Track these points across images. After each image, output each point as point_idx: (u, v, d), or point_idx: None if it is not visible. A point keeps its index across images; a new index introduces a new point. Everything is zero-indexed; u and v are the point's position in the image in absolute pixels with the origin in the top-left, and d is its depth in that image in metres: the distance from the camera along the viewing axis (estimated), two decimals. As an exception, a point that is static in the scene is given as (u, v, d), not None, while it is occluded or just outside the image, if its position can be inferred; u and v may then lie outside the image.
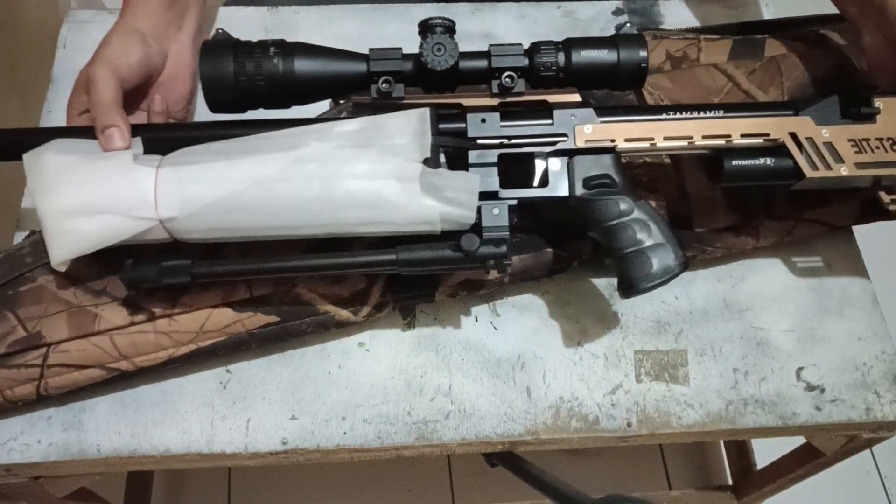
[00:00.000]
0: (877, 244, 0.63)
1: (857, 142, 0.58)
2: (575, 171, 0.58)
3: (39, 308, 0.58)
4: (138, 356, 0.59)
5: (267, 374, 0.63)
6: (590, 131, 0.58)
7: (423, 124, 0.55)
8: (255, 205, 0.54)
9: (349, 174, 0.54)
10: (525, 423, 0.63)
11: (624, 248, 0.57)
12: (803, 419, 0.64)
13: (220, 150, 0.55)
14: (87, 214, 0.54)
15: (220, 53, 0.55)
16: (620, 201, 0.57)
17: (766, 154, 0.58)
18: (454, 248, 0.54)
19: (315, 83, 0.55)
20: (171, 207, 0.54)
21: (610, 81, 0.57)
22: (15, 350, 0.57)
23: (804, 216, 0.67)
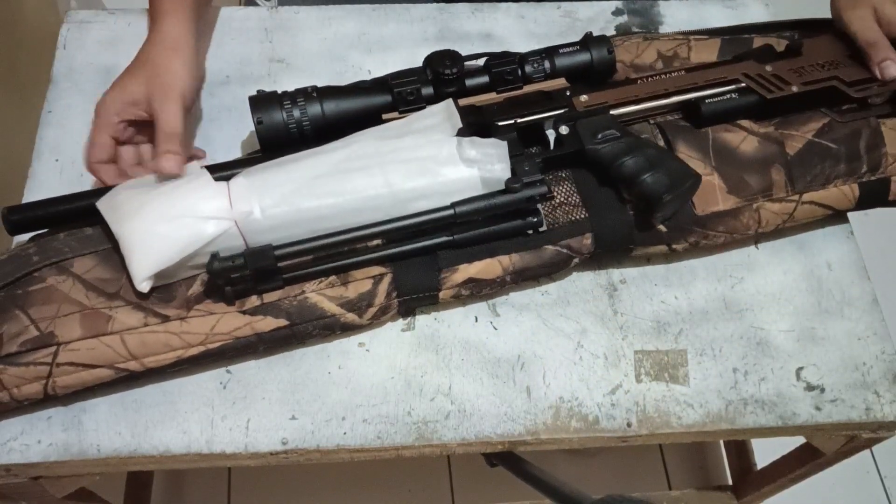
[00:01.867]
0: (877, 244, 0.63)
1: (796, 69, 0.70)
2: (583, 131, 0.66)
3: (51, 308, 0.58)
4: (147, 356, 0.58)
5: (267, 374, 0.63)
6: (585, 98, 0.68)
7: (450, 109, 0.64)
8: (321, 192, 0.59)
9: (395, 154, 0.60)
10: (525, 423, 0.63)
11: (640, 175, 0.63)
12: (803, 419, 0.64)
13: (282, 160, 0.61)
14: (164, 221, 0.57)
15: (270, 107, 0.63)
16: (625, 140, 0.65)
17: (731, 91, 0.69)
18: (501, 193, 0.61)
19: (350, 117, 0.65)
20: (245, 204, 0.57)
21: (588, 75, 0.69)
22: (26, 349, 0.57)
23: (804, 199, 0.68)
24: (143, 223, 0.57)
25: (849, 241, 0.72)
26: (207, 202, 0.57)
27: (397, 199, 0.60)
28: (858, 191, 0.68)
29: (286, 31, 0.80)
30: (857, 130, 0.69)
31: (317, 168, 0.59)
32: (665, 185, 0.62)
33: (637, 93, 0.69)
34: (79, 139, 0.72)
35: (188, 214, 0.57)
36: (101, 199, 0.60)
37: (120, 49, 0.78)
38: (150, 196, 0.58)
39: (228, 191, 0.58)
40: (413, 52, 0.79)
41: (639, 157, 0.64)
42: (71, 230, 0.62)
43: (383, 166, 0.60)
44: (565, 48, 0.68)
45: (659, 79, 0.69)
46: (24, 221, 0.61)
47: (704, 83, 0.69)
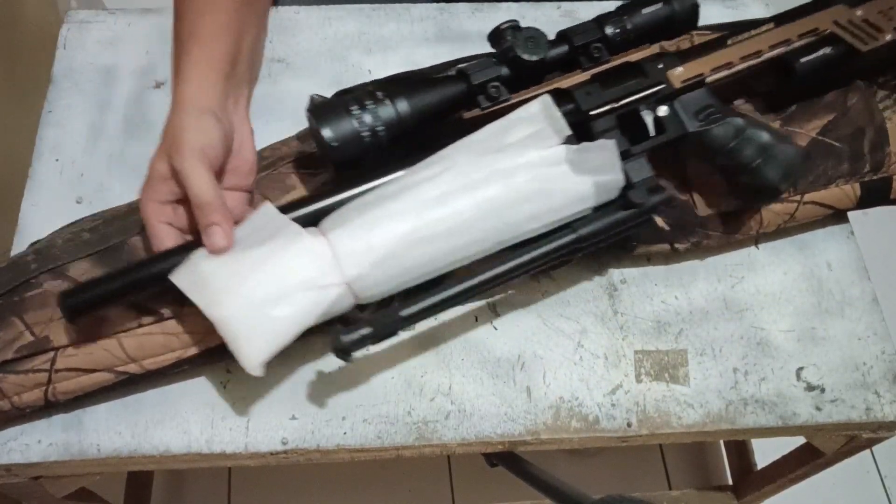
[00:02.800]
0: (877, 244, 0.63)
1: (884, 11, 0.66)
2: (682, 111, 0.62)
3: (46, 313, 0.58)
4: (146, 358, 0.58)
5: (267, 374, 0.63)
6: (681, 71, 0.62)
7: (549, 108, 0.57)
8: (428, 235, 0.54)
9: (501, 175, 0.55)
10: (525, 423, 0.63)
11: (753, 161, 0.61)
12: (803, 419, 0.64)
13: (374, 198, 0.55)
14: (274, 302, 0.52)
15: (336, 114, 0.55)
16: (731, 122, 0.62)
17: (822, 45, 0.65)
18: (624, 207, 0.58)
19: (425, 114, 0.57)
20: (355, 264, 0.53)
21: (670, 30, 0.63)
22: (22, 355, 0.57)
23: (805, 199, 0.68)
24: (248, 306, 0.51)
25: (849, 241, 0.72)
26: (314, 267, 0.52)
27: (508, 224, 0.56)
28: (860, 190, 0.68)
29: (286, 31, 0.80)
30: (862, 128, 0.69)
31: (419, 203, 0.54)
32: (779, 174, 0.60)
33: (731, 58, 0.64)
34: (79, 139, 0.72)
35: (298, 288, 0.52)
36: (177, 273, 0.53)
37: (120, 49, 0.78)
38: (243, 268, 0.52)
39: (330, 247, 0.53)
40: (413, 52, 0.79)
41: (747, 141, 0.61)
42: (69, 236, 0.62)
43: (491, 191, 0.55)
44: (644, 4, 0.61)
45: (750, 39, 0.65)
46: (80, 304, 0.53)
47: (797, 38, 0.65)
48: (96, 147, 0.72)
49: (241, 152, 0.59)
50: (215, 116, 0.56)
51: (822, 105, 0.70)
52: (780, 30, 0.65)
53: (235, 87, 0.59)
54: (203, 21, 0.58)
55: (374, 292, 0.55)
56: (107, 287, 0.53)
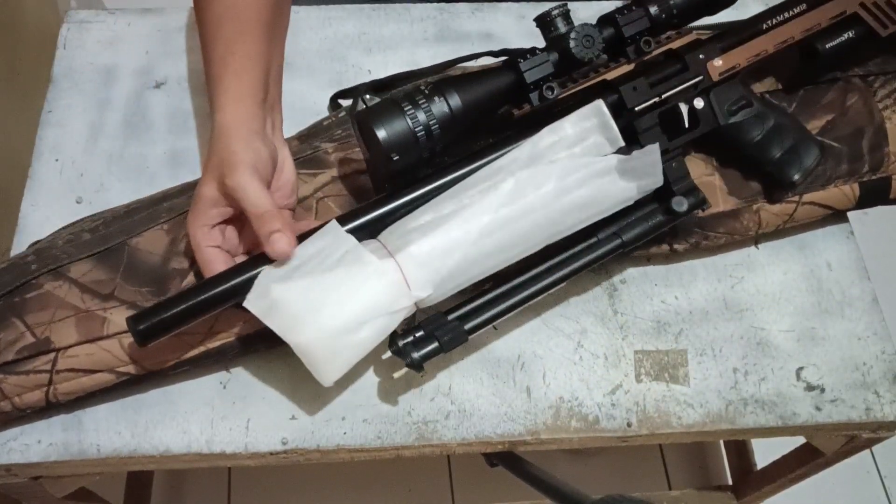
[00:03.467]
0: (877, 244, 0.63)
1: None
2: (716, 103, 0.63)
3: (47, 314, 0.58)
4: (147, 359, 0.58)
5: (267, 374, 0.63)
6: (720, 63, 0.62)
7: (603, 117, 0.58)
8: (488, 252, 0.56)
9: (555, 192, 0.56)
10: (525, 423, 0.63)
11: (774, 155, 0.63)
12: (803, 419, 0.64)
13: (434, 217, 0.56)
14: (352, 330, 0.54)
15: (391, 114, 0.53)
16: (760, 116, 0.63)
17: (845, 27, 0.66)
18: (665, 212, 0.61)
19: (477, 110, 0.56)
20: (423, 288, 0.55)
21: (713, 7, 0.62)
22: (23, 356, 0.57)
23: (804, 199, 0.68)
24: (326, 334, 0.53)
25: (849, 241, 0.72)
26: (388, 293, 0.54)
27: (559, 233, 0.58)
28: (859, 190, 0.68)
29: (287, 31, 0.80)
30: (861, 128, 0.69)
31: (478, 223, 0.56)
32: (799, 169, 0.62)
33: (766, 46, 0.64)
34: (79, 139, 0.72)
35: (373, 315, 0.54)
36: (250, 297, 0.53)
37: (120, 49, 0.78)
38: (317, 294, 0.53)
39: (401, 272, 0.55)
40: (413, 52, 0.79)
41: (774, 134, 0.63)
42: (69, 237, 0.62)
43: (543, 207, 0.56)
44: None
45: (784, 24, 0.65)
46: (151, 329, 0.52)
47: (828, 21, 0.66)
48: (96, 147, 0.72)
49: (284, 172, 0.61)
50: (262, 138, 0.58)
51: (822, 105, 0.70)
52: (813, 14, 0.65)
53: (270, 111, 0.61)
54: (235, 50, 0.59)
55: (435, 302, 0.57)
56: (175, 310, 0.52)
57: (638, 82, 0.60)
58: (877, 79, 0.71)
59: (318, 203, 0.64)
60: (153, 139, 0.73)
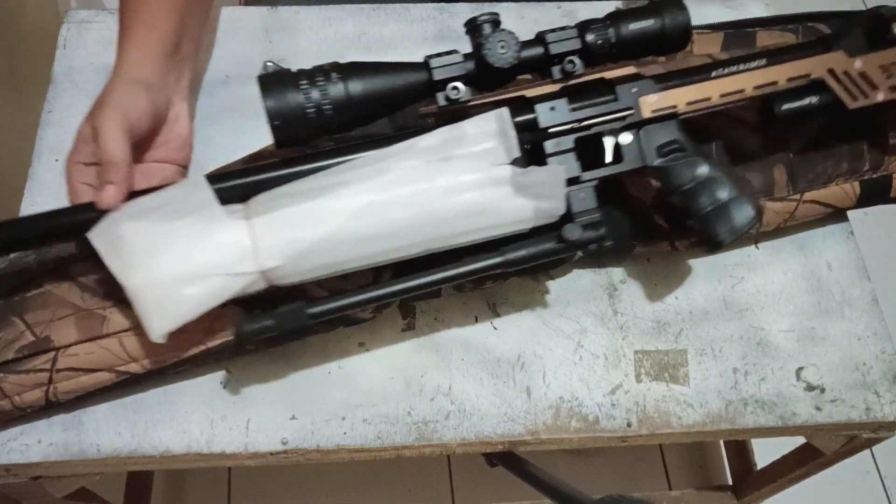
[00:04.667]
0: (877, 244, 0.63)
1: (886, 67, 0.62)
2: (645, 142, 0.60)
3: (47, 312, 0.58)
4: (147, 358, 0.58)
5: (267, 374, 0.63)
6: (654, 100, 0.59)
7: (504, 124, 0.55)
8: (355, 237, 0.53)
9: (442, 190, 0.54)
10: (525, 423, 0.63)
11: (704, 208, 0.59)
12: (803, 419, 0.64)
13: (308, 188, 0.54)
14: (187, 283, 0.52)
15: (284, 86, 0.53)
16: (693, 163, 0.60)
17: (810, 93, 0.62)
18: (557, 240, 0.56)
19: (379, 101, 0.55)
20: (272, 256, 0.52)
21: (658, 47, 0.59)
22: (23, 355, 0.57)
23: (805, 198, 0.68)
24: (161, 279, 0.52)
25: (849, 240, 0.72)
26: (230, 254, 0.52)
27: (440, 237, 0.55)
28: (860, 189, 0.68)
29: (286, 30, 0.80)
30: (862, 127, 0.69)
31: (350, 205, 0.53)
32: (727, 229, 0.59)
33: (710, 93, 0.60)
34: (79, 139, 0.72)
35: (212, 271, 0.52)
36: (94, 231, 0.53)
37: (120, 49, 0.78)
38: (161, 240, 0.52)
39: (251, 234, 0.53)
40: (413, 53, 0.79)
41: (704, 187, 0.59)
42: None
43: (427, 204, 0.53)
44: (633, 16, 0.57)
45: (736, 74, 0.61)
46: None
47: (786, 81, 0.61)
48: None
49: (176, 127, 0.62)
50: (145, 86, 0.58)
51: None
52: (770, 70, 0.61)
53: (178, 66, 0.62)
54: (148, 2, 0.61)
55: (292, 280, 0.54)
56: (15, 231, 0.53)
57: (557, 103, 0.58)
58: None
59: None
60: (153, 139, 0.73)
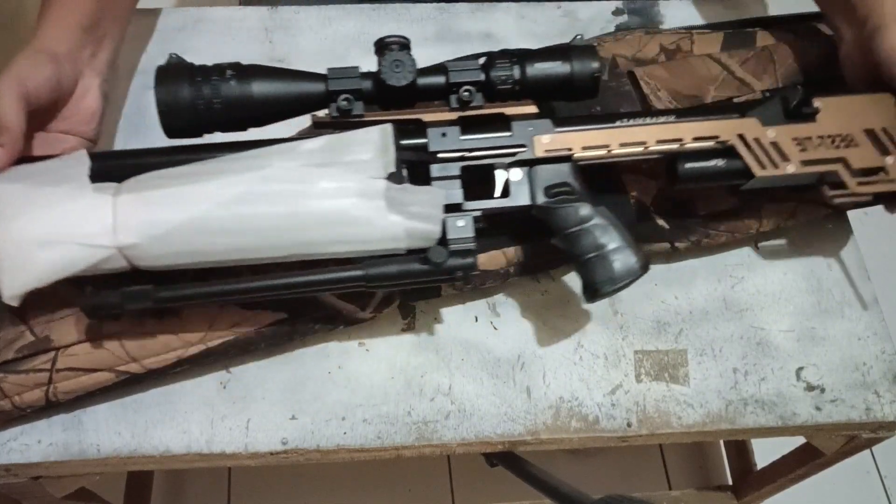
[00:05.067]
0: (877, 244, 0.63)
1: (801, 140, 0.60)
2: (535, 181, 0.59)
3: (47, 312, 0.58)
4: (147, 358, 0.58)
5: (267, 374, 0.63)
6: (548, 141, 0.59)
7: (386, 139, 0.55)
8: (219, 228, 0.53)
9: (314, 194, 0.53)
10: (525, 423, 0.63)
11: (586, 254, 0.59)
12: (803, 419, 0.64)
13: (182, 173, 0.54)
14: (41, 245, 0.52)
15: (177, 78, 0.55)
16: (580, 208, 0.59)
17: (718, 155, 0.60)
18: (422, 262, 0.55)
19: (273, 104, 0.56)
20: (131, 233, 0.52)
21: (565, 93, 0.58)
22: (23, 355, 0.57)
23: (805, 197, 0.68)
24: (18, 240, 0.52)
25: (849, 241, 0.72)
26: (90, 225, 0.52)
27: (308, 242, 0.54)
28: None
29: (286, 30, 0.80)
30: None
31: (219, 194, 0.53)
32: (606, 278, 0.58)
33: (608, 141, 0.59)
34: (79, 139, 0.72)
35: (67, 240, 0.52)
36: None
37: (120, 49, 0.78)
38: (25, 201, 0.53)
39: (114, 209, 0.53)
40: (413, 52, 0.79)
41: (588, 234, 0.58)
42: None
43: (298, 206, 0.53)
44: (542, 56, 0.57)
45: (641, 126, 0.60)
46: None
47: (692, 140, 0.60)
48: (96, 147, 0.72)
49: (85, 100, 0.62)
50: (51, 57, 0.59)
51: None
52: (677, 126, 0.60)
53: (95, 42, 0.63)
54: None
55: (153, 263, 0.54)
56: None
57: (450, 130, 0.58)
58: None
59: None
60: (153, 139, 0.72)
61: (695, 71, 0.70)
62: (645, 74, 0.69)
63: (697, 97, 0.69)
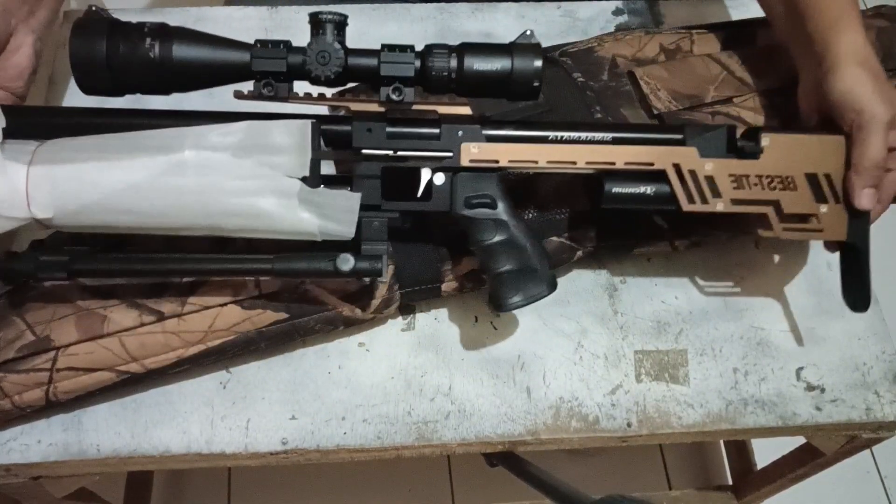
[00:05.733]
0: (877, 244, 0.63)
1: (738, 177, 0.58)
2: (457, 189, 0.58)
3: (47, 312, 0.58)
4: (147, 357, 0.58)
5: (267, 374, 0.63)
6: (476, 151, 0.57)
7: (304, 139, 0.53)
8: (129, 209, 0.53)
9: (228, 189, 0.53)
10: (525, 423, 0.63)
11: (498, 268, 0.59)
12: (803, 419, 0.64)
13: (97, 146, 0.53)
14: None
15: (93, 34, 0.52)
16: (498, 223, 0.58)
17: (648, 181, 0.58)
18: (329, 264, 0.54)
19: (194, 71, 0.53)
20: (44, 209, 0.53)
21: (504, 91, 0.54)
22: (23, 354, 0.57)
23: None
24: None
25: (849, 241, 0.72)
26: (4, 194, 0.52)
27: (219, 228, 0.54)
28: None
29: (286, 31, 0.80)
30: None
31: (130, 178, 0.52)
32: (514, 294, 0.58)
33: (537, 157, 0.57)
34: (79, 139, 0.72)
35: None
36: None
37: (120, 49, 0.78)
38: None
39: (27, 181, 0.52)
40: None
41: (503, 248, 0.58)
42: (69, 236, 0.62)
43: (209, 197, 0.53)
44: (481, 51, 0.53)
45: (567, 145, 0.57)
46: None
47: (624, 164, 0.57)
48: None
49: (15, 56, 0.62)
50: None
51: None
52: (610, 149, 0.57)
53: (35, 2, 0.63)
54: None
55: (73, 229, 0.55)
56: None
57: (377, 126, 0.56)
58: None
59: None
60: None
61: (695, 71, 0.70)
62: (645, 74, 0.69)
63: (697, 97, 0.69)
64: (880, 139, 0.57)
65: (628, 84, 0.70)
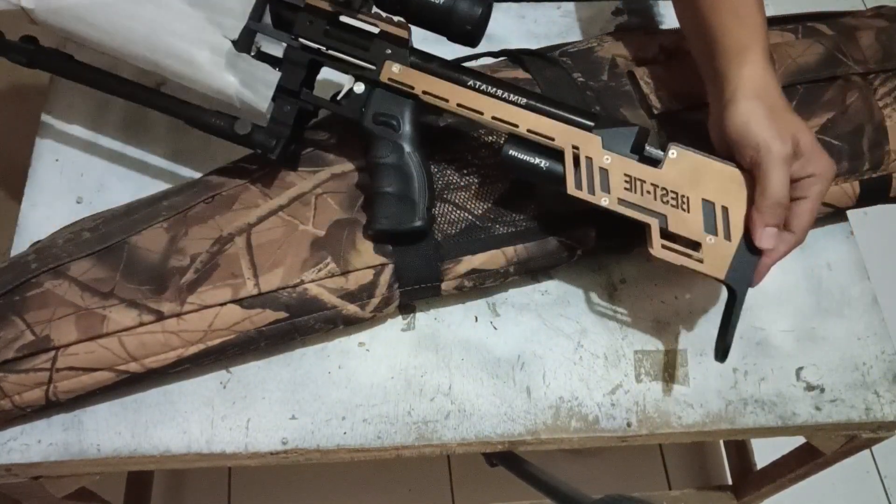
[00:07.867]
0: (877, 244, 0.63)
1: (633, 179, 0.57)
2: (371, 102, 0.61)
3: (47, 312, 0.58)
4: (147, 357, 0.58)
5: (267, 374, 0.63)
6: (396, 71, 0.60)
7: (246, 7, 0.59)
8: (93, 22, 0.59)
9: (173, 29, 0.59)
10: (525, 423, 0.63)
11: (380, 188, 0.61)
12: (803, 419, 0.64)
13: None
14: None
15: None
16: (395, 146, 0.60)
17: (546, 156, 0.59)
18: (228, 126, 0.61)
19: None
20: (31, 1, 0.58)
21: (443, 27, 0.57)
22: (23, 354, 0.57)
23: None
24: None
25: (848, 240, 0.72)
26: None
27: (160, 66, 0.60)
28: (859, 188, 0.68)
29: (286, 30, 0.80)
30: (861, 126, 0.69)
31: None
32: (385, 215, 0.60)
33: (449, 95, 0.59)
34: (79, 139, 0.72)
35: None
36: None
37: (120, 49, 0.78)
38: None
39: None
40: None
41: (388, 169, 0.60)
42: (69, 236, 0.62)
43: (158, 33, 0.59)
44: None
45: (479, 95, 0.59)
46: None
47: (527, 131, 0.58)
48: (96, 147, 0.72)
49: None
50: None
51: (822, 103, 0.69)
52: (517, 111, 0.58)
53: None
54: None
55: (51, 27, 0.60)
56: None
57: (317, 21, 0.60)
58: (877, 76, 0.71)
59: (317, 199, 0.64)
60: (153, 139, 0.73)
61: (695, 71, 0.70)
62: (645, 74, 0.69)
63: (697, 97, 0.68)
64: (779, 176, 0.54)
65: (628, 84, 0.70)
